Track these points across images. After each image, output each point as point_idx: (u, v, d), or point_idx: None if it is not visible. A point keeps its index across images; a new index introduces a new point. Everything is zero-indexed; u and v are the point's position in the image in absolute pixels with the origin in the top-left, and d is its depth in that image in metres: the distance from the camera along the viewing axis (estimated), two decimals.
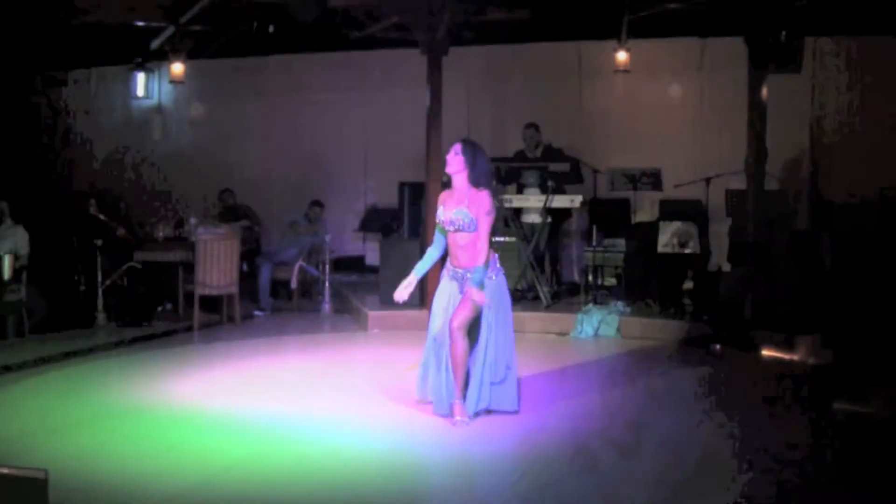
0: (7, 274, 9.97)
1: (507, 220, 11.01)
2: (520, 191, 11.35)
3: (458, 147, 6.62)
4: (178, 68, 12.93)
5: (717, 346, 9.22)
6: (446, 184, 6.77)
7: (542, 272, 11.14)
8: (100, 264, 10.75)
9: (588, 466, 5.69)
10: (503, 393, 6.71)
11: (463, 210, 6.55)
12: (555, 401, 7.27)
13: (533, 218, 11.22)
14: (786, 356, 8.83)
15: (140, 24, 12.22)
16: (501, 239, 10.77)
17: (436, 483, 5.67)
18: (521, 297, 10.90)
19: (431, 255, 6.82)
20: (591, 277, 11.30)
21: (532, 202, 11.12)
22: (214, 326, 10.95)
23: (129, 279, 11.26)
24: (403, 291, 6.75)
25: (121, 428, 6.53)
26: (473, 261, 6.53)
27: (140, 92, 14.27)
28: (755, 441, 6.13)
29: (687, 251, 10.49)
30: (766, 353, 8.97)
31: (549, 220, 11.21)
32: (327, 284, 12.06)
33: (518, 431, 6.48)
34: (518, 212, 11.24)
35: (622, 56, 12.20)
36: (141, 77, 14.15)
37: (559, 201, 11.02)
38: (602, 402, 7.36)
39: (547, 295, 10.83)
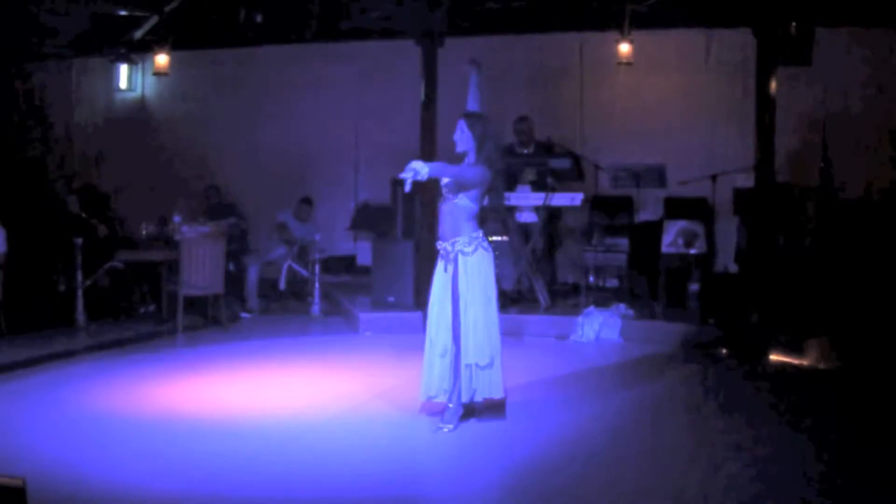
0: None
1: (504, 219, 10.97)
2: (511, 188, 11.23)
3: (462, 124, 6.68)
4: (162, 60, 12.91)
5: (724, 351, 9.22)
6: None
7: (540, 273, 11.11)
8: (80, 264, 10.73)
9: (586, 476, 5.69)
10: (489, 378, 6.61)
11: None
12: (555, 407, 7.26)
13: (529, 217, 11.19)
14: (795, 361, 8.84)
15: (123, 13, 12.20)
16: (497, 238, 10.75)
17: (429, 490, 5.66)
18: (519, 298, 10.89)
19: None
20: (592, 278, 11.29)
21: (530, 200, 11.09)
22: (199, 329, 10.93)
23: (111, 279, 11.24)
24: None
25: (102, 434, 6.52)
26: (453, 233, 6.58)
27: (123, 84, 14.27)
28: (758, 453, 6.13)
29: (692, 251, 10.50)
30: (774, 357, 8.97)
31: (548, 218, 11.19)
32: (317, 285, 12.04)
33: (516, 439, 6.47)
34: (510, 210, 11.17)
35: (625, 48, 12.20)
36: (124, 69, 14.14)
37: (559, 199, 11.01)
38: (604, 409, 7.34)
39: (546, 296, 10.83)
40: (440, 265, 6.70)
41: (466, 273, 6.53)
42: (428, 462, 6.18)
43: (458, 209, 6.57)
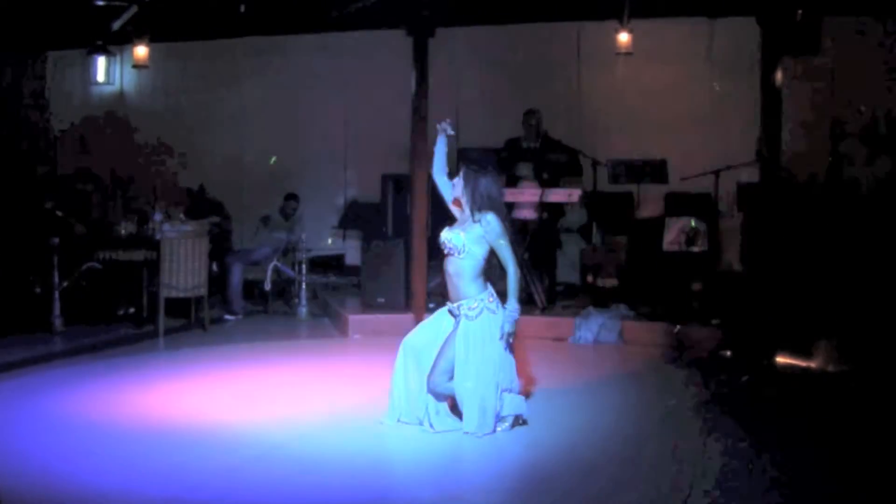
0: None
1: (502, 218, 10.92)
2: (512, 183, 11.22)
3: (461, 172, 6.72)
4: (141, 52, 12.86)
5: (728, 353, 9.21)
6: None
7: (536, 272, 11.10)
8: (56, 264, 10.70)
9: (583, 487, 5.68)
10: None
11: (457, 232, 6.62)
12: (551, 414, 7.24)
13: (526, 213, 11.17)
14: (802, 363, 8.84)
15: (100, 3, 12.15)
16: None
17: (418, 496, 5.64)
18: None
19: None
20: (590, 278, 11.27)
21: (527, 196, 11.07)
22: (181, 332, 10.91)
23: (89, 280, 11.21)
24: None
25: (81, 441, 6.49)
26: (456, 296, 6.61)
27: (101, 77, 14.19)
28: (762, 461, 6.12)
29: (695, 249, 10.49)
30: (781, 360, 8.97)
31: (546, 215, 11.17)
32: (304, 286, 12.02)
33: (511, 448, 6.46)
34: (509, 206, 11.16)
35: (624, 37, 12.19)
36: (101, 61, 14.07)
37: (556, 196, 10.99)
38: (602, 415, 7.34)
39: (542, 297, 10.81)
40: (450, 320, 6.70)
41: (466, 340, 6.53)
42: (418, 469, 6.20)
43: (462, 268, 6.58)
